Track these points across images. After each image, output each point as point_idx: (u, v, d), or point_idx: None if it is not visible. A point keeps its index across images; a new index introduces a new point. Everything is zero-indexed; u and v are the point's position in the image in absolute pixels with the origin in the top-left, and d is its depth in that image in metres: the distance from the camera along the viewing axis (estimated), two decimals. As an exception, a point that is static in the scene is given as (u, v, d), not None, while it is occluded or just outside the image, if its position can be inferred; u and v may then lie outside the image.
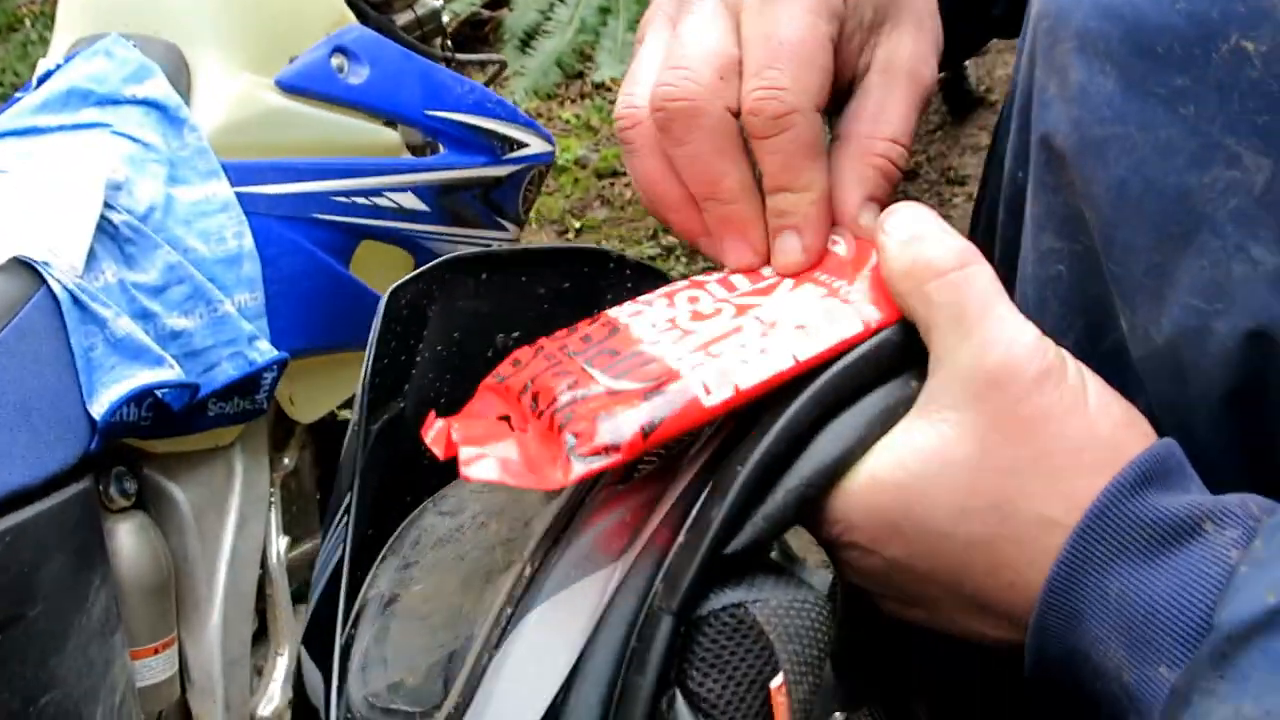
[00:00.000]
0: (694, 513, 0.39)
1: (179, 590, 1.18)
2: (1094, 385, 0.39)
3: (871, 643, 0.45)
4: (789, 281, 0.44)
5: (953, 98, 2.76)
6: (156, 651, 1.13)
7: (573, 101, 3.11)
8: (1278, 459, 0.38)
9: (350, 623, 0.46)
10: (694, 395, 0.38)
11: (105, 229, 1.00)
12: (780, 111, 0.42)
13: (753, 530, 0.38)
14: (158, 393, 1.03)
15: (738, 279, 0.46)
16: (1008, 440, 0.36)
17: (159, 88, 1.07)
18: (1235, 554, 0.33)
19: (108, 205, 1.00)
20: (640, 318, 0.44)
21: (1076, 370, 0.39)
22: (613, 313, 0.45)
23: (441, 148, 1.43)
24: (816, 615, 0.39)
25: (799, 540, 0.45)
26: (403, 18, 1.54)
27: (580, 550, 0.40)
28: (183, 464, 1.16)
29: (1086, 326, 0.42)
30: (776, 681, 0.37)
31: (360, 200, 1.28)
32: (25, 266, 0.95)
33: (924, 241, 0.40)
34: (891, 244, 0.41)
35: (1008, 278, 0.46)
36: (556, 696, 0.37)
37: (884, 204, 0.46)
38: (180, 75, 1.12)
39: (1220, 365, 0.37)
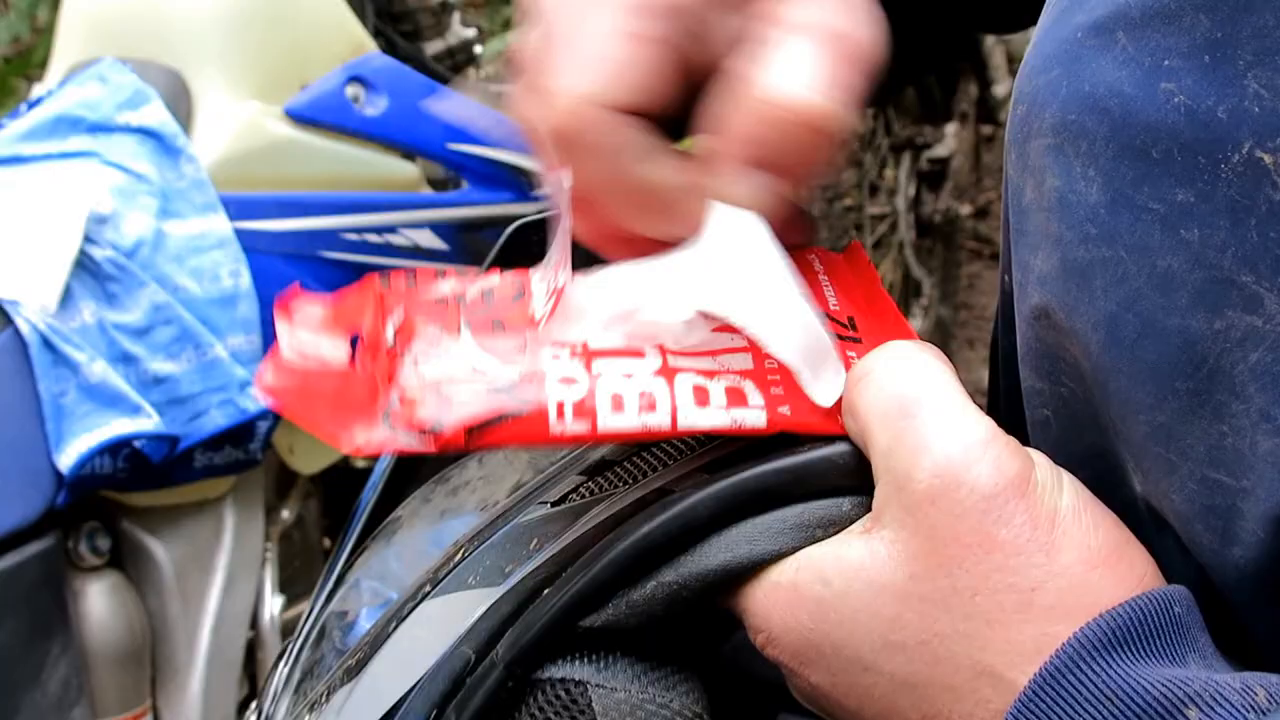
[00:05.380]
0: (569, 570, 0.36)
1: (156, 655, 1.09)
2: (1071, 502, 0.31)
3: None
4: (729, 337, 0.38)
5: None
6: (126, 723, 1.05)
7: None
8: None
9: (373, 536, 0.47)
10: (544, 412, 0.34)
11: (86, 265, 0.93)
12: (563, 125, 0.34)
13: (614, 612, 0.35)
14: (135, 443, 0.96)
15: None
16: (942, 567, 0.31)
17: (155, 115, 1.00)
18: None
19: (89, 240, 0.92)
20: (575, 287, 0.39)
21: (1050, 482, 0.31)
22: (534, 284, 0.40)
23: (465, 183, 1.36)
24: None
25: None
26: (433, 46, 1.47)
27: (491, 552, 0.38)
28: (166, 518, 1.07)
29: (1090, 481, 0.34)
30: None
31: (372, 238, 1.20)
32: (-7, 305, 0.88)
33: (874, 354, 0.34)
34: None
35: (1015, 418, 0.39)
36: (398, 703, 0.36)
37: (796, 184, 0.35)
38: (181, 102, 1.04)
39: (1250, 549, 0.30)
